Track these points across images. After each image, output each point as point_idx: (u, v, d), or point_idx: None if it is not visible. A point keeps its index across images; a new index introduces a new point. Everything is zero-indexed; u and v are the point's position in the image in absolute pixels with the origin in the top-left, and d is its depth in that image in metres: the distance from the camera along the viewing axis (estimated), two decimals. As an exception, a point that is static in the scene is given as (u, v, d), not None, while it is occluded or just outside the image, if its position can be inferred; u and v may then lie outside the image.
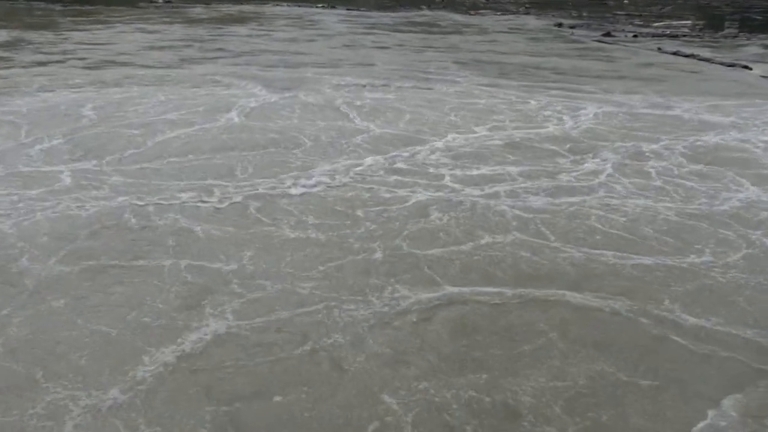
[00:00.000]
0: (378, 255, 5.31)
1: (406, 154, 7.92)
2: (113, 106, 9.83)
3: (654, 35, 24.16)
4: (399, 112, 10.02)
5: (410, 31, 22.92)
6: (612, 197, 6.72)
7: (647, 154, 8.29)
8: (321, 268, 5.08)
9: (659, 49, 19.61)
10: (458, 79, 13.33)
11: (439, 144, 8.39)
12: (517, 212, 6.21)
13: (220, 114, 9.50)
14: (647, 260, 5.36)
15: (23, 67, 13.35)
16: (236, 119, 9.26)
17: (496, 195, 6.66)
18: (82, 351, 3.98)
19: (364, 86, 12.05)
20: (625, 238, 5.76)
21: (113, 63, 14.10)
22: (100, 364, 3.87)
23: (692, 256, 5.47)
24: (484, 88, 12.39)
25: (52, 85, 11.38)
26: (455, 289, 4.81)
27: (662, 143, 8.77)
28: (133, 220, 5.81)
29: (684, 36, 24.16)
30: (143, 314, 4.38)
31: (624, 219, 6.16)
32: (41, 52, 15.29)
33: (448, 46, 18.97)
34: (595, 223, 6.03)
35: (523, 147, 8.42)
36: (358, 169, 7.32)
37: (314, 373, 3.88)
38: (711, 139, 9.08)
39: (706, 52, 18.67)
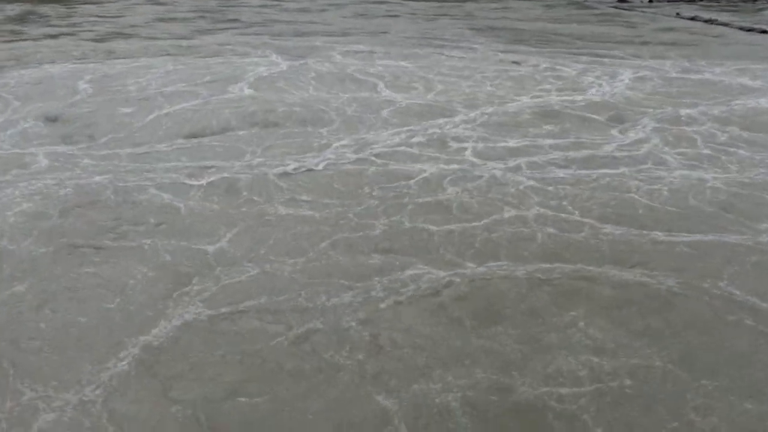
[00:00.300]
0: (378, 231, 4.61)
1: (432, 129, 7.16)
2: (113, 79, 9.10)
3: (670, 0, 23.03)
4: (427, 81, 9.19)
5: (423, 0, 21.96)
6: (659, 168, 5.89)
7: (689, 120, 7.47)
8: (315, 248, 4.38)
9: (677, 14, 18.65)
10: (475, 45, 12.49)
11: (473, 115, 7.60)
12: (551, 187, 5.46)
13: (230, 85, 8.75)
14: (703, 237, 4.57)
15: (32, 39, 12.70)
16: (246, 90, 8.50)
17: (537, 166, 5.92)
18: (50, 344, 3.40)
19: (380, 54, 11.25)
20: (675, 213, 4.96)
21: (122, 35, 13.38)
22: (69, 358, 3.29)
23: (756, 232, 4.66)
24: (509, 55, 11.53)
25: (56, 58, 10.70)
26: (467, 270, 4.08)
27: (702, 108, 7.96)
28: (113, 197, 5.14)
29: (701, 0, 23.03)
30: (117, 302, 3.76)
31: (673, 191, 5.35)
32: (51, 25, 14.62)
33: (464, 14, 18.06)
34: (638, 196, 5.24)
35: (564, 116, 7.61)
36: (376, 143, 6.54)
37: (296, 369, 3.22)
38: (750, 103, 8.26)
39: (724, 17, 17.65)
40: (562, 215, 4.86)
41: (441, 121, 7.31)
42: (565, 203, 5.08)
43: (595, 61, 10.96)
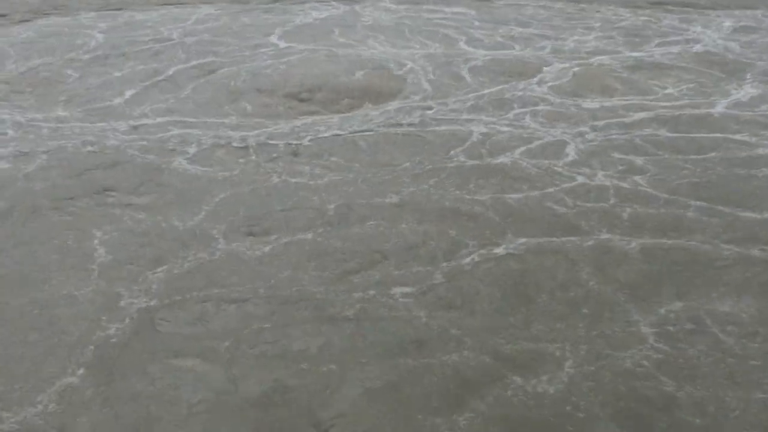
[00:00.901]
0: (395, 199, 3.73)
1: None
2: (135, 28, 7.99)
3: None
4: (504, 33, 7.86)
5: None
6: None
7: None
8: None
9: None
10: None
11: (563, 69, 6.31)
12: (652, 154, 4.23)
13: (265, 36, 7.57)
14: None
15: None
16: (282, 43, 7.29)
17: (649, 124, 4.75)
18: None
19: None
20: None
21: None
22: (10, 364, 2.64)
23: None
24: (583, 4, 9.99)
25: (90, 4, 9.70)
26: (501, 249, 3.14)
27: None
28: (86, 161, 4.23)
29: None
30: (70, 285, 3.06)
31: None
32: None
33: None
34: (765, 168, 4.03)
35: (671, 69, 6.38)
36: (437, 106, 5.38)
37: (252, 388, 2.43)
38: None
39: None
40: (652, 191, 3.68)
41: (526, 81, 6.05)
42: (664, 174, 3.91)
43: (684, 11, 9.40)
